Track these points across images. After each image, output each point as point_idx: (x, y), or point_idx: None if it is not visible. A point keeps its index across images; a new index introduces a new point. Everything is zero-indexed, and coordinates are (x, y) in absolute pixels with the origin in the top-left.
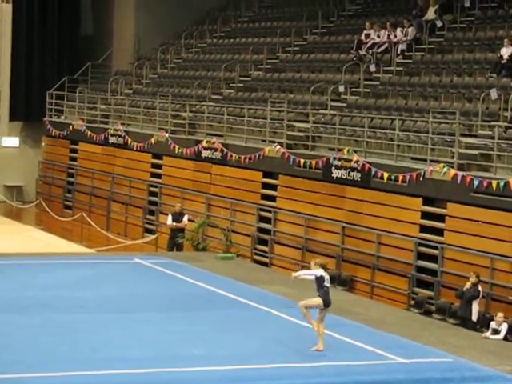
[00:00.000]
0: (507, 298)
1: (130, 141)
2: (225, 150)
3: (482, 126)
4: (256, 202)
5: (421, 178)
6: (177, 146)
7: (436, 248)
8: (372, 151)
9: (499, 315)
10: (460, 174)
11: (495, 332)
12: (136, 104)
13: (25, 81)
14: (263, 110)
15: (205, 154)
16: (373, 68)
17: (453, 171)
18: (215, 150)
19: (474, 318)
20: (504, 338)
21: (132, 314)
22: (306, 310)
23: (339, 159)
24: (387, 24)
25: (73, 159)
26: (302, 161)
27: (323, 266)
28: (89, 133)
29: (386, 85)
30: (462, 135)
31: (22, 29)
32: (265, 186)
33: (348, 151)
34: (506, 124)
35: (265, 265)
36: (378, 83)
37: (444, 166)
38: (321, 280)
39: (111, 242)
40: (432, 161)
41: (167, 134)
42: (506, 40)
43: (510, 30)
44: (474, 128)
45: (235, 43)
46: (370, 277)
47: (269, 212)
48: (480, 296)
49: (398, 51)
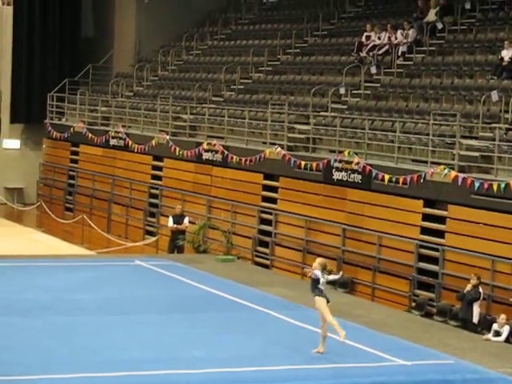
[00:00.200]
0: (508, 300)
1: (130, 143)
2: (225, 152)
3: (483, 128)
4: (257, 204)
5: (421, 180)
6: (177, 148)
7: (437, 250)
8: (373, 153)
9: (501, 317)
10: (461, 175)
11: (497, 334)
12: (137, 106)
13: (26, 83)
14: (264, 112)
15: (205, 156)
16: (373, 70)
17: (453, 173)
18: (216, 152)
19: (475, 320)
20: (505, 340)
21: (133, 316)
22: (332, 320)
23: (340, 161)
24: (388, 26)
25: (74, 161)
26: (302, 163)
27: (323, 267)
28: (90, 135)
29: (387, 87)
30: (463, 137)
31: (22, 31)
32: (265, 188)
33: (349, 153)
34: (506, 126)
35: (265, 267)
36: (378, 85)
37: (445, 168)
38: (316, 282)
39: (112, 244)
40: (433, 163)
41: (168, 136)
42: (506, 42)
43: (510, 32)
44: (475, 130)
45: (236, 45)
46: (371, 279)
47: (269, 214)
48: (481, 298)
49: (399, 53)
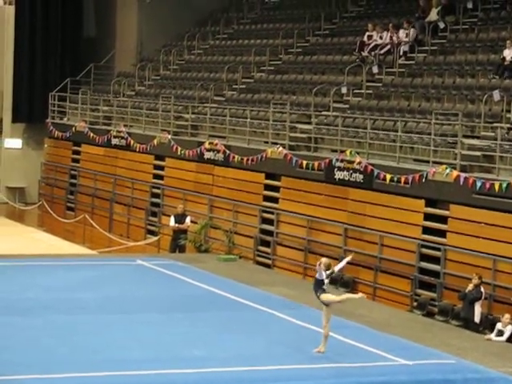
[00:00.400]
0: (510, 300)
1: (132, 142)
2: (227, 151)
3: (485, 128)
4: (258, 204)
5: (423, 180)
6: (179, 148)
7: (438, 249)
8: (374, 153)
9: (506, 316)
10: (462, 175)
11: (500, 333)
12: (138, 106)
13: (27, 82)
14: (266, 111)
15: (207, 155)
16: (375, 69)
17: (455, 173)
18: (218, 151)
19: (477, 319)
20: (507, 340)
21: (134, 315)
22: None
23: (342, 161)
24: (390, 25)
25: (75, 161)
26: (304, 162)
27: (327, 268)
28: (91, 134)
29: (389, 86)
30: (465, 137)
31: (24, 30)
32: (267, 187)
33: (350, 153)
34: (508, 125)
35: (267, 266)
36: (380, 85)
37: (446, 168)
38: (321, 283)
39: (113, 243)
40: (434, 162)
41: (170, 136)
42: (508, 41)
43: None
44: (477, 129)
45: (238, 45)
46: (373, 278)
47: (271, 213)
48: (482, 298)
49: (401, 53)
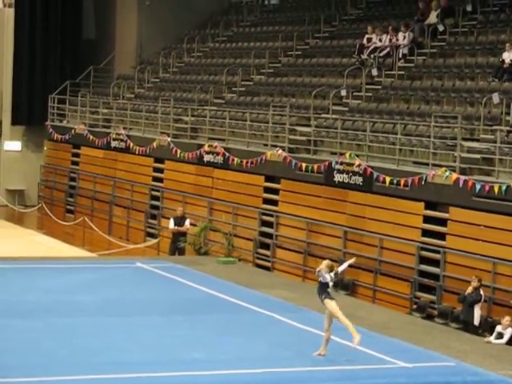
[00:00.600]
0: (509, 302)
1: (131, 145)
2: (227, 154)
3: (484, 130)
4: (258, 206)
5: (423, 182)
6: (179, 150)
7: (438, 252)
8: (374, 155)
9: (506, 319)
10: (462, 178)
11: (500, 336)
12: (138, 108)
13: (27, 85)
14: (265, 114)
15: (207, 158)
16: (375, 72)
17: (455, 175)
18: (217, 154)
19: (476, 322)
20: (507, 343)
21: (133, 317)
22: (346, 321)
23: (341, 163)
24: (389, 28)
25: (75, 163)
26: (303, 165)
27: (330, 269)
28: (91, 137)
29: (388, 89)
30: (464, 139)
31: (24, 33)
32: (267, 190)
33: (350, 155)
34: (507, 128)
35: (267, 269)
36: (379, 87)
37: (446, 170)
38: (325, 286)
39: (113, 246)
40: (434, 165)
41: (169, 138)
42: (507, 44)
43: (511, 34)
44: (476, 132)
45: (237, 47)
46: (372, 281)
47: (271, 216)
48: (482, 300)
49: (400, 55)
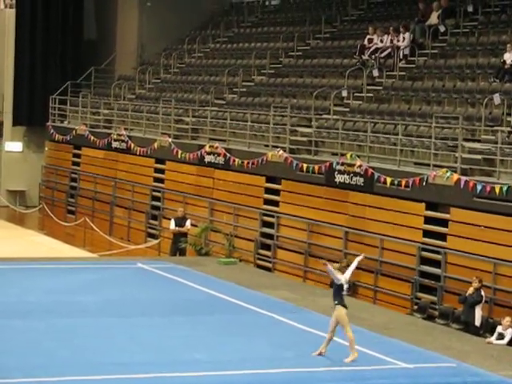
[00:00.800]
0: (510, 303)
1: (132, 146)
2: (228, 154)
3: (485, 131)
4: (259, 207)
5: (424, 183)
6: (180, 151)
7: (439, 253)
8: (375, 156)
9: (507, 319)
10: (463, 178)
11: (501, 336)
12: (139, 109)
13: (28, 85)
14: (266, 114)
15: (208, 158)
16: (376, 73)
17: (456, 176)
18: (218, 154)
19: (477, 323)
20: (508, 344)
21: (134, 318)
22: (352, 335)
23: (342, 164)
24: (390, 29)
25: (76, 164)
26: (304, 166)
27: (341, 271)
28: (92, 138)
29: (389, 89)
30: (465, 140)
31: (25, 33)
32: (268, 190)
33: (351, 156)
34: (509, 129)
35: (268, 270)
36: (380, 88)
37: (447, 171)
38: (340, 289)
39: (114, 246)
40: (435, 166)
41: (170, 139)
42: (508, 45)
43: None
44: (477, 133)
45: (238, 48)
46: (373, 282)
47: (272, 217)
48: (483, 301)
49: (401, 56)
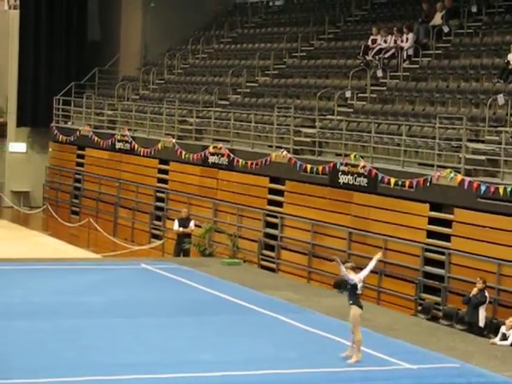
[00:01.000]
0: None
1: (136, 146)
2: (231, 155)
3: (489, 132)
4: (263, 208)
5: (428, 184)
6: (183, 152)
7: (443, 254)
8: (379, 157)
9: (510, 319)
10: (467, 179)
11: (504, 337)
12: (143, 110)
13: (32, 86)
14: (270, 115)
15: (211, 159)
16: (379, 73)
17: (460, 177)
18: (222, 155)
19: (481, 323)
20: None
21: (139, 319)
22: (360, 337)
23: (346, 165)
24: (394, 29)
25: (80, 165)
26: (308, 166)
27: (354, 271)
28: (96, 138)
29: (393, 90)
30: (469, 141)
31: (29, 35)
32: (271, 191)
33: (355, 157)
34: None
35: (271, 270)
36: (384, 88)
37: (451, 172)
38: (354, 288)
39: (118, 247)
40: (439, 166)
41: (174, 140)
42: None
43: None
44: (481, 133)
45: (242, 49)
46: (377, 282)
47: (275, 218)
48: (487, 302)
49: (405, 56)
